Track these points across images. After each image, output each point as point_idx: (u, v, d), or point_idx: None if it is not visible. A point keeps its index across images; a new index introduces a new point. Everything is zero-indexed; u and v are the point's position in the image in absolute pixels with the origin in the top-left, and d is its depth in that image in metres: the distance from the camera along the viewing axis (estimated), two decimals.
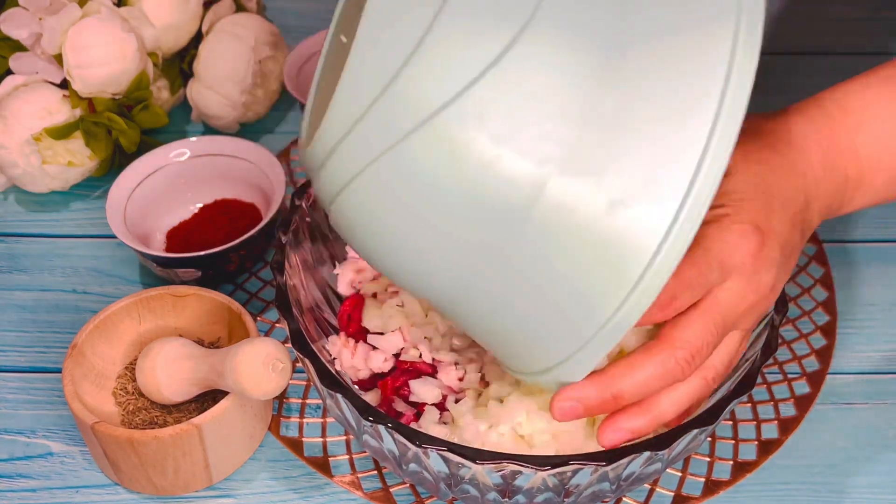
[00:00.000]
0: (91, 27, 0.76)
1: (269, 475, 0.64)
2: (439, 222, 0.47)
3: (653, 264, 0.45)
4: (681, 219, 0.45)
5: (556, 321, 0.48)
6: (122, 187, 0.75)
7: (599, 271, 0.46)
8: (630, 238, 0.45)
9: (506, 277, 0.48)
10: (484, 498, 0.55)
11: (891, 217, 0.80)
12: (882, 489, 0.62)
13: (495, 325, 0.51)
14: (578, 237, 0.46)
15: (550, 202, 0.45)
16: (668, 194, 0.45)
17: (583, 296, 0.47)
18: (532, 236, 0.46)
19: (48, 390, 0.68)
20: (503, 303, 0.49)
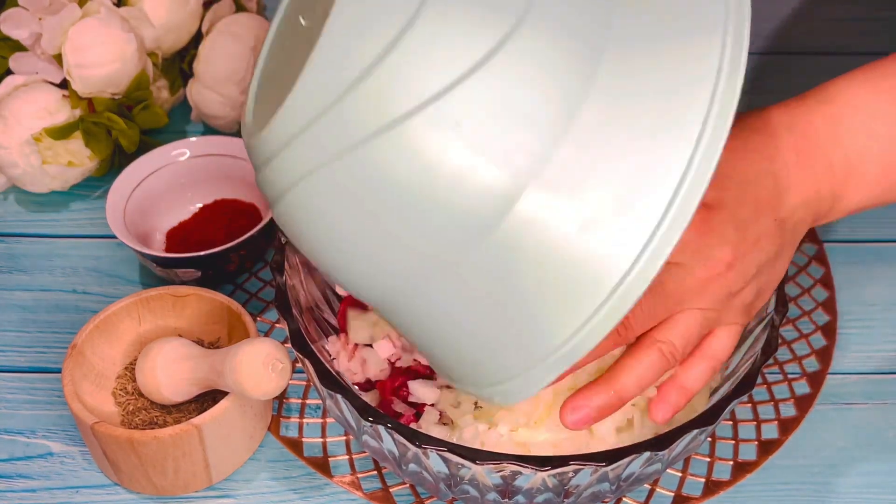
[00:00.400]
0: (91, 27, 0.76)
1: (269, 475, 0.64)
2: (397, 229, 0.45)
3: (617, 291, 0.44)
4: (652, 245, 0.43)
5: (508, 339, 0.46)
6: (122, 187, 0.75)
7: (561, 292, 0.44)
8: (597, 262, 0.44)
9: (461, 289, 0.46)
10: (484, 498, 0.55)
11: (891, 217, 0.80)
12: (882, 489, 0.62)
13: (442, 337, 0.49)
14: (545, 255, 0.44)
15: (520, 217, 0.44)
16: (642, 219, 0.43)
17: (540, 316, 0.45)
18: (496, 250, 0.44)
19: (48, 390, 0.68)
20: (454, 315, 0.47)
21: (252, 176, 0.77)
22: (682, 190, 0.43)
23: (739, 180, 0.52)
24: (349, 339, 0.64)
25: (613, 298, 0.44)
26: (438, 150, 0.43)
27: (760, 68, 0.95)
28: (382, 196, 0.44)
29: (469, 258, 0.45)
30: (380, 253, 0.46)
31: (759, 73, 0.95)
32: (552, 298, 0.45)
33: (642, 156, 0.44)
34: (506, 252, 0.44)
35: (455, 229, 0.44)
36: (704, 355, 0.54)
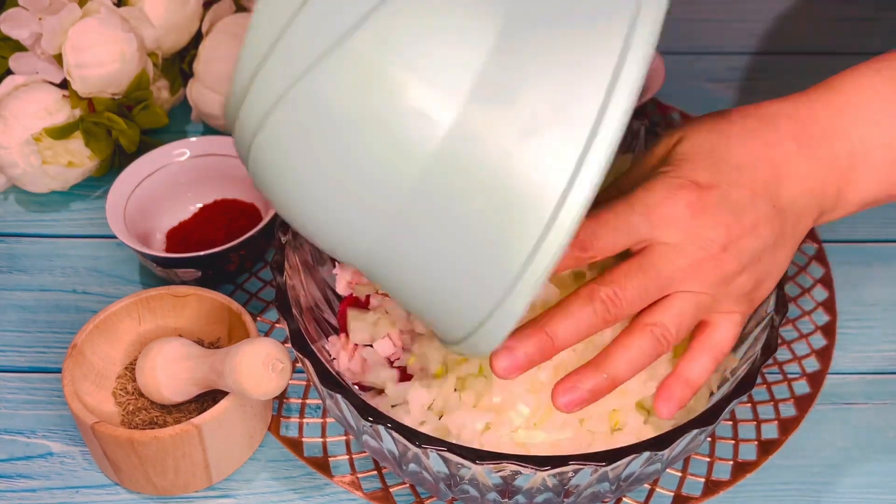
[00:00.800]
0: (91, 27, 0.76)
1: (269, 475, 0.64)
2: (350, 163, 0.44)
3: (566, 198, 0.42)
4: (593, 147, 0.42)
5: (472, 275, 0.45)
6: (122, 187, 0.75)
7: (511, 210, 0.43)
8: (541, 170, 0.42)
9: (419, 227, 0.45)
10: (484, 498, 0.55)
11: (891, 217, 0.80)
12: (882, 489, 0.62)
13: (416, 287, 0.47)
14: (488, 172, 0.43)
15: (459, 134, 0.42)
16: (578, 125, 0.42)
17: (495, 241, 0.44)
18: (442, 175, 0.43)
19: (48, 390, 0.68)
20: (420, 258, 0.46)
21: None
22: (614, 92, 0.42)
23: (736, 164, 0.51)
24: (349, 339, 0.64)
25: (562, 211, 0.42)
26: (376, 68, 0.42)
27: (759, 68, 0.95)
28: (330, 127, 0.43)
29: (422, 187, 0.43)
30: (341, 195, 0.45)
31: (758, 73, 0.95)
32: (506, 218, 0.43)
33: (576, 60, 0.42)
34: (453, 174, 0.43)
35: (403, 155, 0.43)
36: (705, 347, 0.54)
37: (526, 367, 0.51)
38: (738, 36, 0.99)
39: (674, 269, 0.50)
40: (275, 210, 0.72)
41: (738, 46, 0.98)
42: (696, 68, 0.95)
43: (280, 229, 0.62)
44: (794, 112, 0.53)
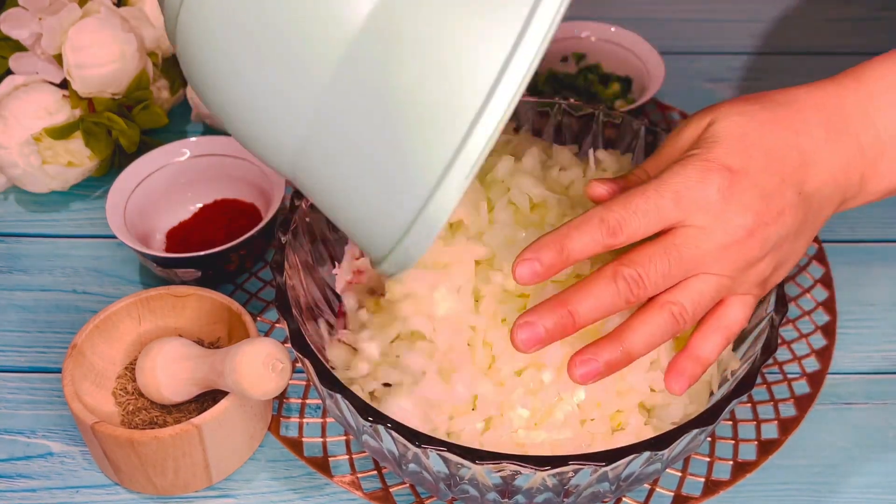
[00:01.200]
0: (91, 27, 0.76)
1: (269, 475, 0.64)
2: (272, 41, 0.42)
3: (497, 87, 0.40)
4: (527, 36, 0.40)
5: (395, 174, 0.42)
6: (122, 187, 0.75)
7: (437, 97, 0.40)
8: (466, 63, 0.40)
9: (340, 118, 0.42)
10: (484, 498, 0.55)
11: (891, 217, 0.80)
12: (882, 489, 0.62)
13: (340, 192, 0.45)
14: (413, 54, 0.40)
15: (385, 7, 0.40)
16: (512, 9, 0.40)
17: (419, 132, 0.41)
18: (365, 55, 0.41)
19: (48, 390, 0.68)
20: (343, 157, 0.43)
21: (252, 176, 0.78)
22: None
23: (766, 150, 0.51)
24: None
25: (493, 99, 0.40)
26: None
27: (759, 68, 0.95)
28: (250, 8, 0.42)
29: (342, 75, 0.41)
30: (263, 82, 0.43)
31: (758, 73, 0.95)
32: (425, 112, 0.41)
33: None
34: (375, 56, 0.41)
35: (322, 35, 0.41)
36: (718, 326, 0.54)
37: (546, 341, 0.50)
38: (738, 36, 0.99)
39: (700, 252, 0.50)
40: (275, 210, 0.72)
41: (738, 46, 0.98)
42: (695, 68, 0.95)
43: (280, 229, 0.62)
44: (823, 100, 0.53)
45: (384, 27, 0.41)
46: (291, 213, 0.63)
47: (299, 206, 0.64)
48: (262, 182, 0.76)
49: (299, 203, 0.64)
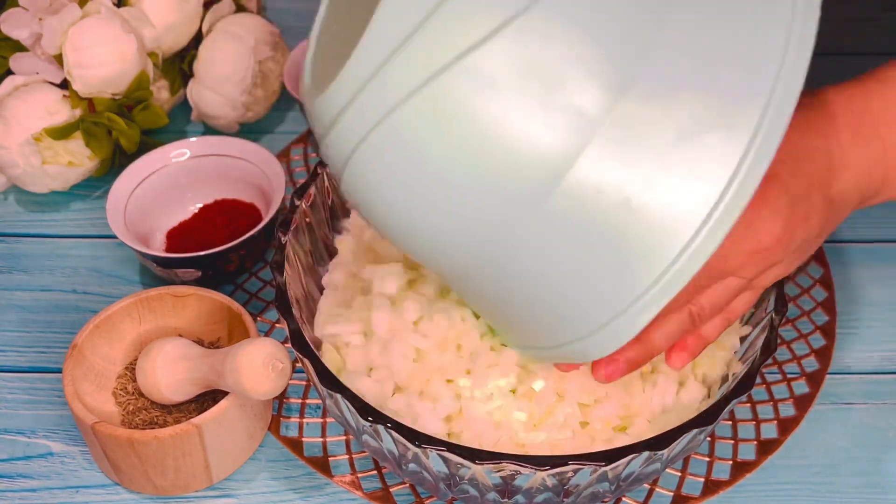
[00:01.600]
0: (91, 27, 0.76)
1: (269, 475, 0.64)
2: (439, 196, 0.45)
3: (701, 231, 0.44)
4: (737, 179, 0.44)
5: (591, 287, 0.47)
6: (123, 187, 0.75)
7: (637, 242, 0.45)
8: (673, 210, 0.44)
9: (524, 254, 0.46)
10: (484, 498, 0.55)
11: (891, 217, 0.80)
12: (882, 489, 0.62)
13: (506, 302, 0.49)
14: (611, 213, 0.44)
15: (583, 174, 0.44)
16: (722, 155, 0.44)
17: (624, 257, 0.45)
18: (559, 211, 0.45)
19: (48, 390, 0.68)
20: (520, 280, 0.47)
21: (252, 176, 0.77)
22: (763, 124, 0.44)
23: (795, 155, 0.51)
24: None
25: (698, 239, 0.44)
26: (472, 111, 0.43)
27: None
28: (420, 161, 0.44)
29: (532, 220, 0.45)
30: (443, 219, 0.46)
31: None
32: (626, 250, 0.45)
33: (720, 91, 0.44)
34: (572, 212, 0.44)
35: (510, 196, 0.44)
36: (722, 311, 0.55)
37: (626, 372, 0.53)
38: None
39: (728, 263, 0.51)
40: (275, 210, 0.72)
41: None
42: None
43: (280, 229, 0.62)
44: (849, 102, 0.54)
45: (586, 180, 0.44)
46: (291, 213, 0.63)
47: (299, 206, 0.64)
48: (262, 182, 0.76)
49: (299, 203, 0.64)
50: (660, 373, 0.60)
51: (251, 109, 0.85)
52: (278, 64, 0.86)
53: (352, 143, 0.46)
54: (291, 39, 0.89)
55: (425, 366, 0.59)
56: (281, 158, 0.83)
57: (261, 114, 0.86)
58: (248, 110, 0.84)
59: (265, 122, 0.88)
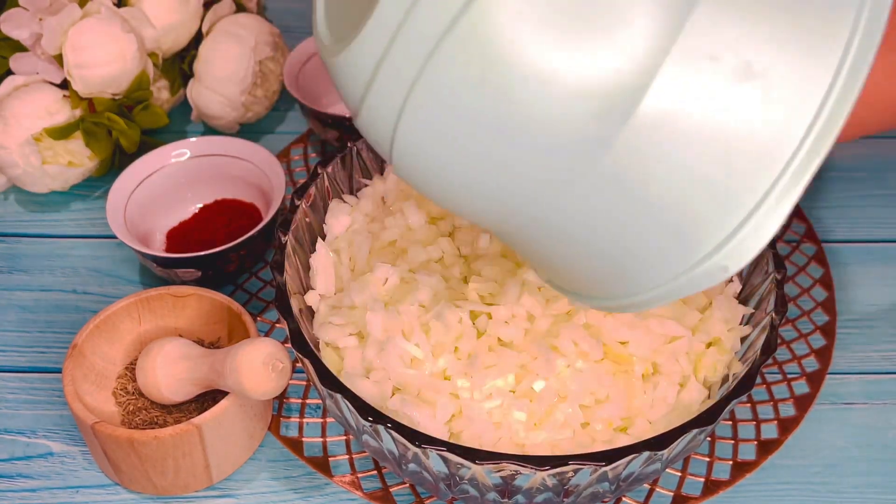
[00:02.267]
0: (91, 27, 0.76)
1: (269, 475, 0.64)
2: (491, 151, 0.40)
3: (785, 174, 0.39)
4: (826, 110, 0.38)
5: (650, 250, 0.42)
6: (123, 187, 0.75)
7: (711, 188, 0.40)
8: (755, 145, 0.38)
9: (588, 202, 0.41)
10: (484, 498, 0.55)
11: (891, 217, 0.80)
12: (882, 489, 0.63)
13: (564, 251, 0.45)
14: (686, 151, 0.39)
15: (651, 108, 0.38)
16: (811, 85, 0.38)
17: (686, 221, 0.40)
18: (621, 160, 0.39)
19: (48, 390, 0.68)
20: (581, 231, 0.43)
21: (252, 176, 0.77)
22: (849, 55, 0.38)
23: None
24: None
25: (781, 182, 0.39)
26: (503, 46, 0.37)
27: None
28: (482, 100, 0.39)
29: (593, 172, 0.40)
30: (499, 170, 0.41)
31: None
32: (699, 198, 0.40)
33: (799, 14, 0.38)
34: (640, 153, 0.39)
35: (566, 144, 0.39)
36: None
37: None
38: None
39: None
40: (275, 210, 0.72)
41: None
42: None
43: (280, 229, 0.62)
44: None
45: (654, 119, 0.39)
46: (291, 213, 0.63)
47: (299, 206, 0.64)
48: (262, 182, 0.76)
49: (299, 203, 0.64)
50: (661, 374, 0.60)
51: (251, 109, 0.85)
52: (278, 64, 0.86)
53: (398, 99, 0.41)
54: (291, 39, 0.89)
55: (422, 370, 0.59)
56: (281, 158, 0.83)
57: (261, 114, 0.86)
58: (248, 110, 0.84)
59: (265, 122, 0.88)
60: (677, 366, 0.60)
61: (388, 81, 0.41)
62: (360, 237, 0.66)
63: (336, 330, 0.61)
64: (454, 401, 0.57)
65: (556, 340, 0.59)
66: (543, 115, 0.39)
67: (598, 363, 0.59)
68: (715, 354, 0.61)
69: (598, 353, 0.58)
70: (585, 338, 0.58)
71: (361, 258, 0.66)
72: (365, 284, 0.62)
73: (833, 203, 0.81)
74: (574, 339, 0.58)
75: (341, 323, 0.62)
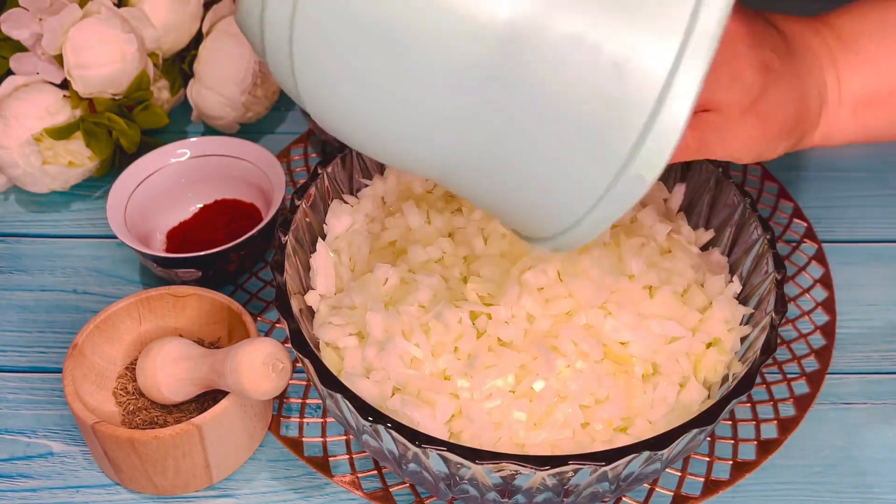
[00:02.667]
0: (91, 27, 0.76)
1: (270, 475, 0.64)
2: (385, 81, 0.40)
3: (679, 63, 0.39)
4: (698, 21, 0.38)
5: (568, 172, 0.42)
6: (123, 187, 0.75)
7: (604, 102, 0.39)
8: (636, 57, 0.38)
9: (498, 125, 0.41)
10: (483, 498, 0.55)
11: (891, 217, 0.80)
12: (882, 489, 0.63)
13: (500, 188, 0.45)
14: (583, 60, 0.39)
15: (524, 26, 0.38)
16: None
17: (588, 141, 0.40)
18: (511, 83, 0.40)
19: (49, 390, 0.68)
20: (503, 158, 0.43)
21: (252, 176, 0.77)
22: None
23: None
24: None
25: (678, 76, 0.39)
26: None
27: None
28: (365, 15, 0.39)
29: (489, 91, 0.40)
30: (399, 103, 0.42)
31: None
32: (596, 110, 0.40)
33: None
34: (528, 74, 0.39)
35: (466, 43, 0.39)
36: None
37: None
38: None
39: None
40: (275, 210, 0.72)
41: None
42: None
43: (280, 229, 0.62)
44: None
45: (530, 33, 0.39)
46: (292, 213, 0.63)
47: (299, 206, 0.64)
48: (262, 182, 0.76)
49: (299, 203, 0.64)
50: (661, 374, 0.60)
51: (251, 109, 0.85)
52: None
53: (286, 20, 0.41)
54: None
55: (422, 371, 0.59)
56: (281, 158, 0.83)
57: (261, 114, 0.86)
58: (248, 110, 0.84)
59: (265, 122, 0.88)
60: (677, 366, 0.60)
61: (276, 6, 0.41)
62: (360, 237, 0.66)
63: (336, 330, 0.61)
64: (454, 401, 0.57)
65: (556, 340, 0.59)
66: (424, 37, 0.39)
67: (598, 363, 0.59)
68: (715, 355, 0.61)
69: (598, 354, 0.58)
70: (585, 338, 0.58)
71: (361, 258, 0.66)
72: (365, 284, 0.62)
73: (833, 203, 0.81)
74: (574, 339, 0.58)
75: (341, 323, 0.62)
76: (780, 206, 0.80)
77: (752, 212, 0.64)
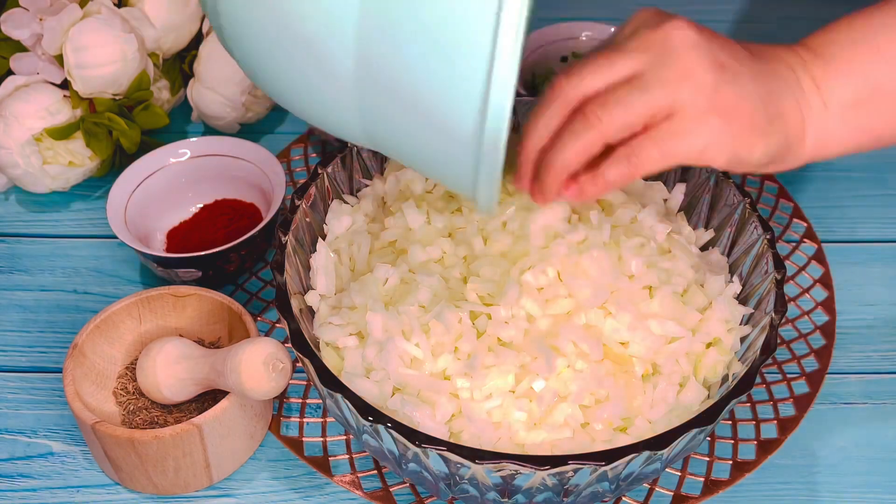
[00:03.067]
0: (91, 28, 0.76)
1: (270, 475, 0.64)
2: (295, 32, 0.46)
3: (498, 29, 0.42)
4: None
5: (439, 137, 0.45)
6: (123, 187, 0.75)
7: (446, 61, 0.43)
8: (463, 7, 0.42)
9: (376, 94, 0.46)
10: (484, 497, 0.55)
11: (891, 217, 0.80)
12: (882, 489, 0.63)
13: (410, 155, 0.49)
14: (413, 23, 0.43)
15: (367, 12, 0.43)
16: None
17: (444, 96, 0.43)
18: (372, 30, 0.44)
19: (49, 390, 0.68)
20: (396, 126, 0.47)
21: (252, 176, 0.77)
22: None
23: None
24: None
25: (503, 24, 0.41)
26: None
27: None
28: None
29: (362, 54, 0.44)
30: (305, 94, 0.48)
31: None
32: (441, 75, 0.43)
33: None
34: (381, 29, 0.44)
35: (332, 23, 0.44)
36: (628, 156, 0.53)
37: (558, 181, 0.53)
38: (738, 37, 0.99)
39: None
40: (275, 210, 0.72)
41: None
42: None
43: (280, 229, 0.62)
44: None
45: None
46: (292, 213, 0.63)
47: (300, 206, 0.64)
48: (262, 182, 0.76)
49: (299, 203, 0.64)
50: (660, 374, 0.60)
51: (251, 109, 0.85)
52: None
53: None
54: None
55: (422, 371, 0.59)
56: (281, 158, 0.84)
57: (261, 114, 0.86)
58: (248, 110, 0.84)
59: (265, 122, 0.88)
60: (677, 366, 0.60)
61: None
62: (360, 237, 0.66)
63: (336, 330, 0.61)
64: (454, 401, 0.57)
65: (556, 340, 0.59)
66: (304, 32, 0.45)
67: (598, 363, 0.59)
68: (715, 355, 0.61)
69: (598, 354, 0.58)
70: (585, 338, 0.58)
71: (361, 258, 0.66)
72: (365, 284, 0.62)
73: (833, 203, 0.81)
74: (574, 339, 0.58)
75: (341, 323, 0.62)
76: (779, 206, 0.80)
77: (751, 212, 0.64)
